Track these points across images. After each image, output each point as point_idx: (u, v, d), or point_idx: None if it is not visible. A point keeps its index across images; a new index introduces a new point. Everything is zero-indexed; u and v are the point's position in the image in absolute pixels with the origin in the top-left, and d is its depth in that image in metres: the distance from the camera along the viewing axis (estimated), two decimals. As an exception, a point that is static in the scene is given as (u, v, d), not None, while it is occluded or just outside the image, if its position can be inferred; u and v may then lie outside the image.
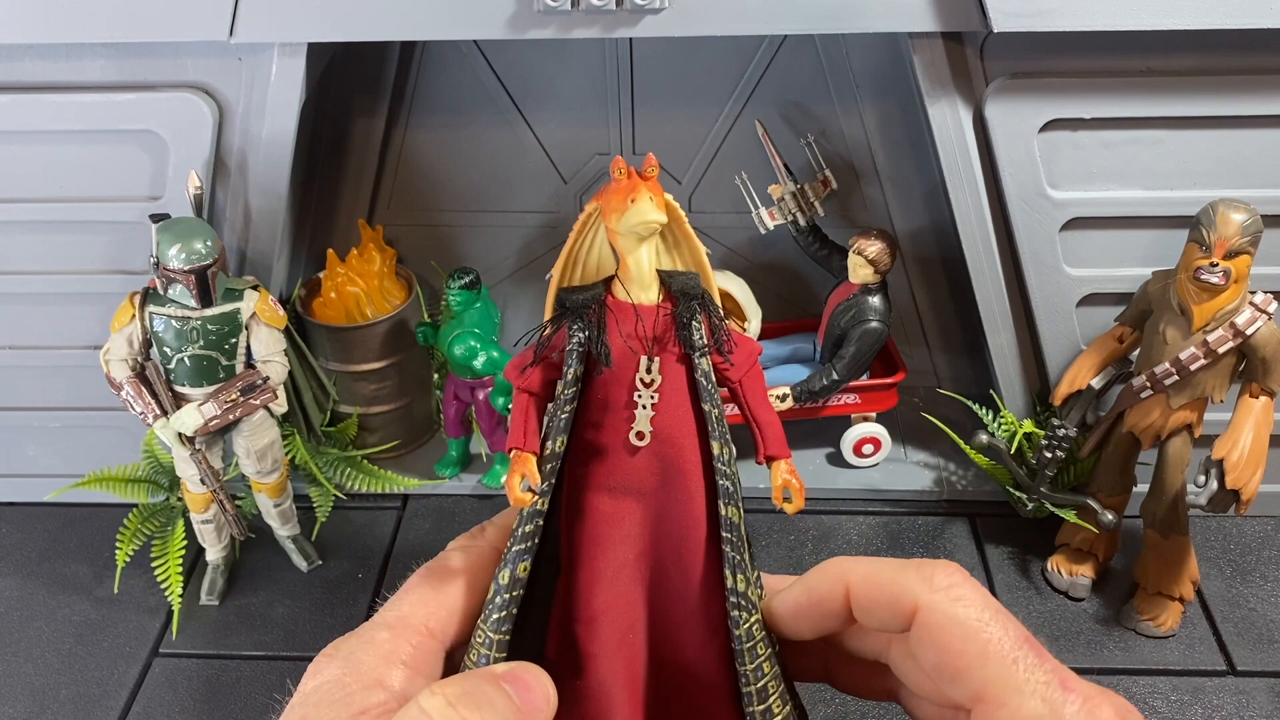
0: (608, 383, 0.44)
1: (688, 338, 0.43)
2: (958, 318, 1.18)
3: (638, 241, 0.43)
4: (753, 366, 0.46)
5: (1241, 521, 1.06)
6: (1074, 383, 0.95)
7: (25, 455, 1.10)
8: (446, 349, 1.04)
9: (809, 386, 1.05)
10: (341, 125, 1.13)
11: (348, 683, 0.39)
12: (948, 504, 1.08)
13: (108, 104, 0.92)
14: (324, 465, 1.07)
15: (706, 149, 1.14)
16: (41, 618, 0.99)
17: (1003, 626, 0.39)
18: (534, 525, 0.43)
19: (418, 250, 1.19)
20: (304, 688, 0.40)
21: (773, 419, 0.46)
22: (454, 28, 0.87)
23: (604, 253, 0.45)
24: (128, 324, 0.89)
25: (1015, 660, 0.37)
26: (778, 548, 1.04)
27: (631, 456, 0.44)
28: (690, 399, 0.44)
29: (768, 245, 1.16)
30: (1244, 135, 0.91)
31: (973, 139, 0.93)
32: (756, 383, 0.46)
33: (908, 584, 0.40)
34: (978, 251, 0.97)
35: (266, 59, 0.91)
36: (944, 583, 0.39)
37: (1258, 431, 0.85)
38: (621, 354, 0.44)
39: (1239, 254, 0.82)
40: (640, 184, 0.43)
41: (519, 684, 0.40)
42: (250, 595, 1.00)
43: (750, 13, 0.86)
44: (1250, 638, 0.94)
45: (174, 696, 0.91)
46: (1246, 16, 0.83)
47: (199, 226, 0.87)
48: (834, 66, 1.09)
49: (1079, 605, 0.98)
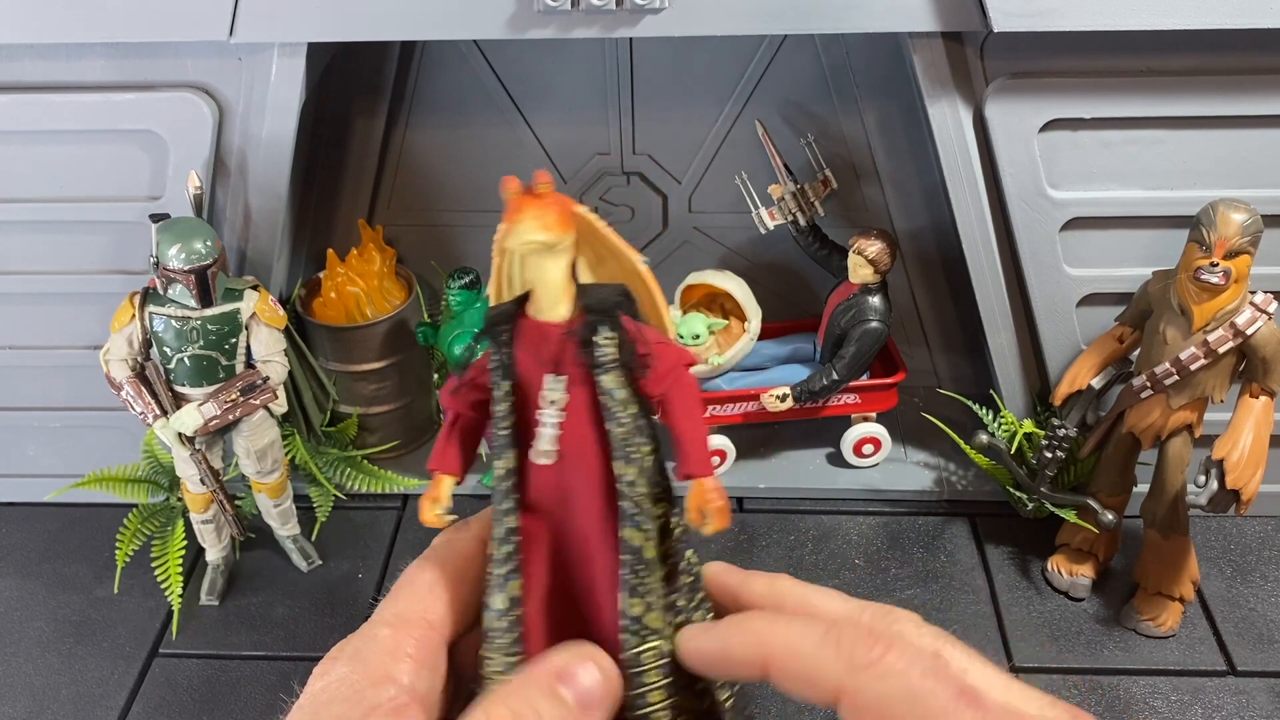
0: (524, 402, 0.44)
1: (589, 354, 0.43)
2: (958, 318, 1.18)
3: (538, 259, 0.42)
4: (679, 379, 0.44)
5: (1242, 522, 1.06)
6: (1074, 383, 0.95)
7: (25, 455, 1.10)
8: (446, 349, 1.04)
9: (809, 386, 1.05)
10: (341, 125, 1.13)
11: (355, 680, 0.39)
12: (948, 504, 1.08)
13: (108, 104, 0.92)
14: (324, 465, 1.07)
15: (706, 149, 1.14)
16: (41, 618, 0.99)
17: (936, 685, 0.36)
18: (513, 545, 0.43)
19: (418, 250, 1.18)
20: (311, 688, 0.40)
21: (695, 435, 0.45)
22: (454, 28, 0.87)
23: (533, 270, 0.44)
24: (128, 324, 0.89)
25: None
26: (778, 548, 1.04)
27: (540, 475, 0.43)
28: (594, 418, 0.43)
29: (768, 245, 1.16)
30: (1244, 135, 0.91)
31: (973, 139, 0.93)
32: (682, 395, 0.44)
33: (827, 667, 0.37)
34: (978, 251, 0.97)
35: (266, 59, 0.91)
36: (865, 659, 0.37)
37: (1258, 431, 0.85)
38: (527, 372, 0.43)
39: (1239, 254, 0.82)
40: (525, 203, 0.41)
41: (569, 680, 0.39)
42: (250, 595, 1.00)
43: (750, 13, 0.86)
44: (1250, 638, 0.94)
45: (174, 697, 0.91)
46: (1246, 16, 0.83)
47: (199, 226, 0.87)
48: (834, 66, 1.09)
49: (1079, 605, 0.98)
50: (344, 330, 1.06)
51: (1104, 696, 0.90)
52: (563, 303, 0.43)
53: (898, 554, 1.03)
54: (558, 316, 0.43)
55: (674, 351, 0.44)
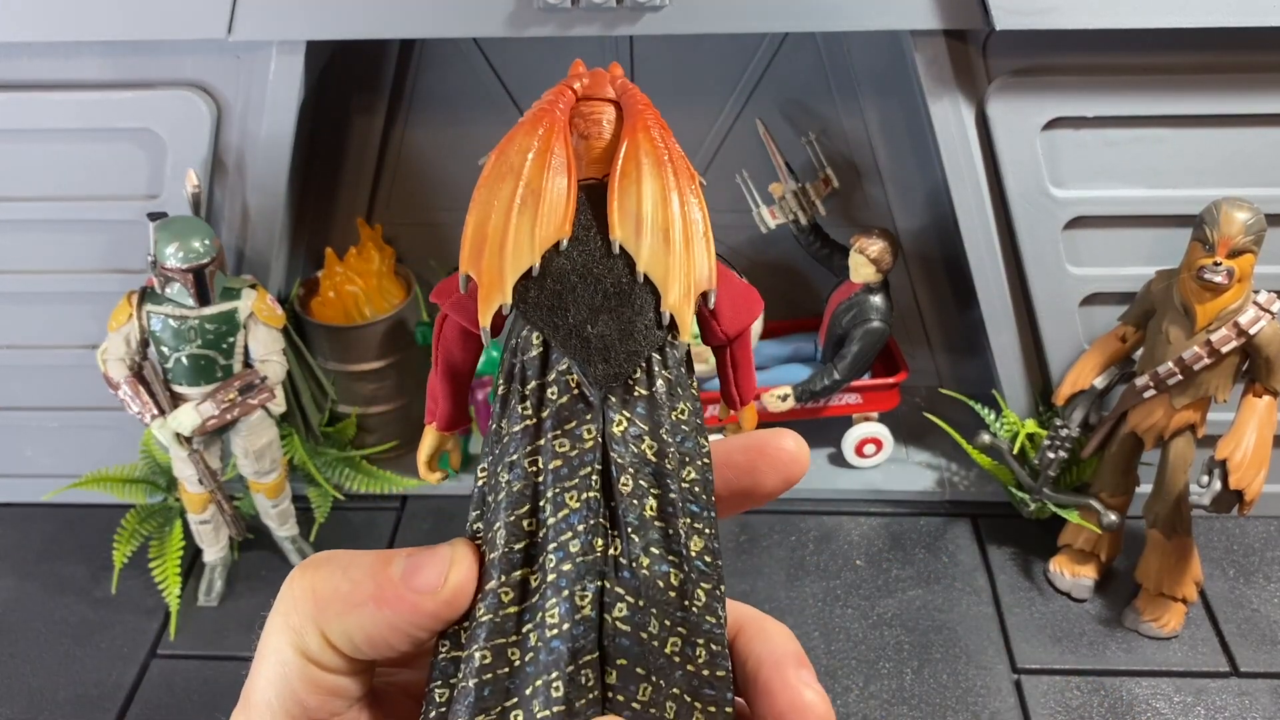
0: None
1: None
2: (960, 317, 1.17)
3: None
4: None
5: (1245, 522, 1.06)
6: (1077, 383, 0.95)
7: (22, 455, 1.09)
8: (446, 348, 1.04)
9: (810, 386, 1.04)
10: (340, 123, 1.13)
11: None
12: (950, 505, 1.08)
13: (105, 102, 0.92)
14: (322, 465, 1.07)
15: (707, 147, 1.14)
16: (39, 619, 0.98)
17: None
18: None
19: (416, 249, 1.18)
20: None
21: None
22: (453, 25, 0.86)
23: None
24: (125, 323, 0.89)
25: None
26: (779, 549, 1.03)
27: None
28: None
29: (769, 244, 1.15)
30: (1247, 133, 0.91)
31: (975, 137, 0.92)
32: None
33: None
34: (980, 250, 0.97)
35: (265, 57, 0.90)
36: None
37: (1261, 432, 0.85)
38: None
39: (1242, 253, 0.82)
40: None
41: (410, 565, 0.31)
42: (248, 596, 1.00)
43: (751, 10, 0.85)
44: (1253, 639, 0.94)
45: (172, 698, 0.90)
46: (1249, 14, 0.82)
47: (197, 225, 0.87)
48: (835, 64, 1.09)
49: (1081, 606, 0.97)
50: (342, 330, 1.05)
51: (1106, 697, 0.89)
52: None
53: (899, 555, 1.03)
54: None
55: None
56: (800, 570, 1.01)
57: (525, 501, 0.31)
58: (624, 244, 0.31)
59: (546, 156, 0.31)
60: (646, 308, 0.31)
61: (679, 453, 0.32)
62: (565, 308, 0.31)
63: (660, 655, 0.30)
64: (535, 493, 0.31)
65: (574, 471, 0.31)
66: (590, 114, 0.33)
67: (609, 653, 0.30)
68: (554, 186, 0.31)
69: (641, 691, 0.30)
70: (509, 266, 0.31)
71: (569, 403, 0.31)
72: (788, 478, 0.36)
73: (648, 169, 0.31)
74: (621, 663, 0.30)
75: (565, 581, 0.30)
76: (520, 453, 0.31)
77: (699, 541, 0.32)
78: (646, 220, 0.31)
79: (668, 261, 0.31)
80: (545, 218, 0.31)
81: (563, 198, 0.31)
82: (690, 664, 0.31)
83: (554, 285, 0.31)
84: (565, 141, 0.31)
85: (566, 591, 0.30)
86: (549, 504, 0.31)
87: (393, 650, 0.31)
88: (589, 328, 0.31)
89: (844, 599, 0.99)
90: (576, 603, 0.30)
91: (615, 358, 0.31)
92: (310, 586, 0.31)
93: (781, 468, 0.35)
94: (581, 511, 0.30)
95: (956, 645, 0.94)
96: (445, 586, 0.30)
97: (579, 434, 0.31)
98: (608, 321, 0.31)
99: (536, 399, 0.31)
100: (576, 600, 0.30)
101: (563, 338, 0.31)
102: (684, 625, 0.31)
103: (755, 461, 0.35)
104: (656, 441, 0.31)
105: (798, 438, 0.36)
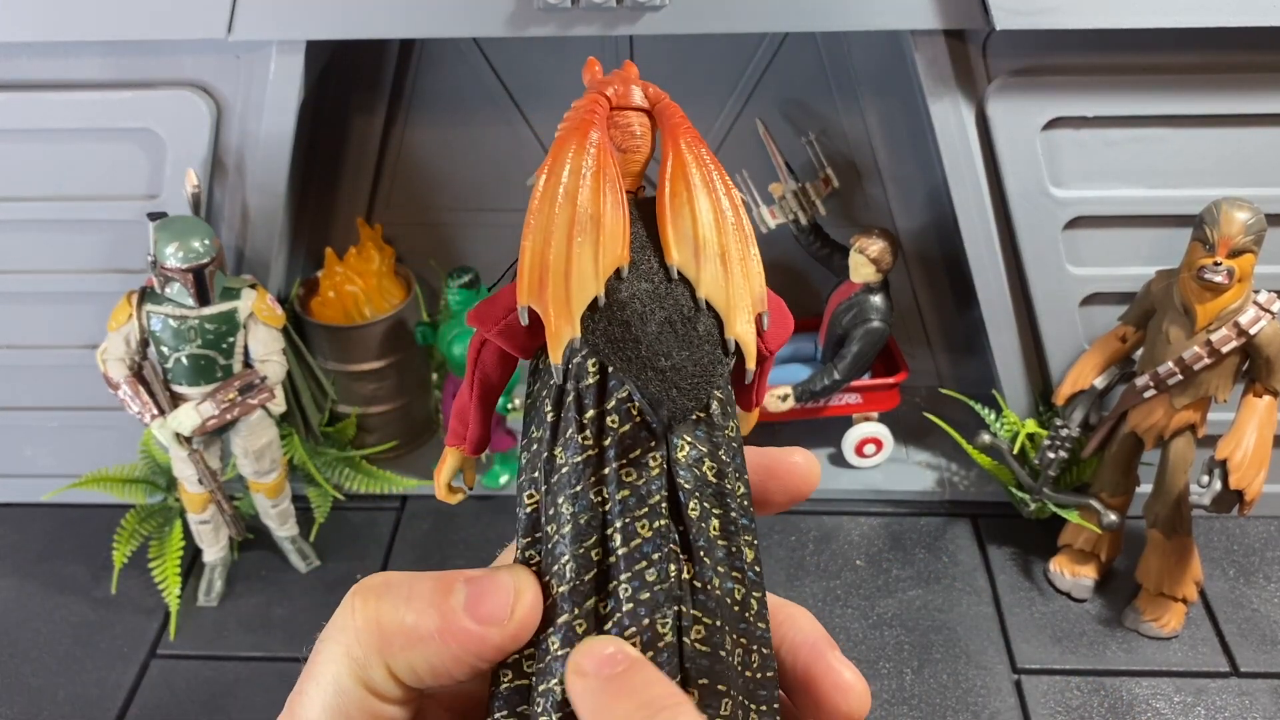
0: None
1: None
2: (960, 317, 1.17)
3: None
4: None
5: (1245, 522, 1.06)
6: (1077, 382, 0.95)
7: (22, 455, 1.09)
8: (446, 349, 1.04)
9: (810, 386, 1.04)
10: (340, 123, 1.13)
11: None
12: (950, 505, 1.08)
13: (105, 102, 0.92)
14: (322, 465, 1.07)
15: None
16: (38, 619, 0.98)
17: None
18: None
19: (417, 249, 1.18)
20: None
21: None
22: (453, 25, 0.86)
23: None
24: (125, 323, 0.89)
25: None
26: (779, 549, 1.03)
27: None
28: None
29: (769, 244, 1.15)
30: (1247, 133, 0.91)
31: (975, 137, 0.92)
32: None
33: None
34: (980, 250, 0.97)
35: (264, 57, 0.90)
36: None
37: (1261, 432, 0.85)
38: None
39: (1243, 253, 0.82)
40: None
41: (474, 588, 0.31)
42: (248, 596, 1.00)
43: (751, 10, 0.85)
44: (1254, 639, 0.94)
45: (172, 698, 0.90)
46: (1249, 14, 0.82)
47: (197, 225, 0.87)
48: (835, 64, 1.08)
49: (1081, 606, 0.97)
50: (342, 329, 1.05)
51: (1107, 698, 0.89)
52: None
53: (899, 555, 1.03)
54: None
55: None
56: (800, 570, 1.01)
57: (593, 533, 0.30)
58: (682, 269, 0.30)
59: (600, 179, 0.30)
60: (712, 333, 0.31)
61: (735, 470, 0.32)
62: (636, 339, 0.30)
63: (731, 669, 0.30)
64: (603, 522, 0.30)
65: (643, 500, 0.30)
66: (625, 125, 0.32)
67: (690, 674, 0.30)
68: (611, 211, 0.30)
69: (724, 707, 0.30)
70: (575, 299, 0.30)
71: (631, 430, 0.30)
72: (795, 496, 0.36)
73: (698, 187, 0.31)
74: (703, 683, 0.30)
75: (645, 610, 0.29)
76: (584, 484, 0.30)
77: (750, 553, 0.32)
78: (703, 244, 0.30)
79: (728, 287, 0.31)
80: (606, 245, 0.30)
81: (620, 223, 0.30)
82: (748, 670, 0.31)
83: (620, 315, 0.30)
84: (614, 159, 0.31)
85: (647, 620, 0.29)
86: (618, 534, 0.30)
87: (453, 680, 0.31)
88: (662, 360, 0.30)
89: (844, 599, 0.99)
90: (659, 630, 0.29)
91: (688, 389, 0.30)
92: (375, 619, 0.30)
93: (791, 487, 0.36)
94: (655, 540, 0.30)
95: (956, 645, 0.94)
96: (511, 620, 0.30)
97: (645, 462, 0.30)
98: (679, 353, 0.30)
99: (596, 428, 0.30)
100: (658, 628, 0.29)
101: (636, 370, 0.30)
102: (745, 636, 0.31)
103: (764, 482, 0.35)
104: (716, 462, 0.31)
105: (808, 455, 0.36)
